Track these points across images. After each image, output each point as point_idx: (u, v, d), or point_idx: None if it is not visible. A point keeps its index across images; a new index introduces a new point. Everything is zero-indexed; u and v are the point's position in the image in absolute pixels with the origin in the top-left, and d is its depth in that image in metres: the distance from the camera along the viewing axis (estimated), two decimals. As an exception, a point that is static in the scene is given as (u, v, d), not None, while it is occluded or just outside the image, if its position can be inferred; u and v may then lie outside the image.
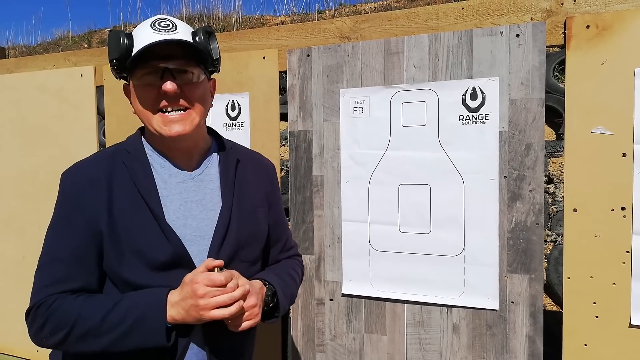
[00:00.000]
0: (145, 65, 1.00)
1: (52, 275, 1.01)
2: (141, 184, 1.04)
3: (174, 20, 1.06)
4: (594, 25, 1.38)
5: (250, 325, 1.03)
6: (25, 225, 2.23)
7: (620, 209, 1.38)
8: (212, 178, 1.14)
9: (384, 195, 1.62)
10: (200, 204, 1.10)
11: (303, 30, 1.78)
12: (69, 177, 1.07)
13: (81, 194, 1.03)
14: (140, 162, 1.07)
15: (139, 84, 1.03)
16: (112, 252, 1.02)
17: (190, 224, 1.07)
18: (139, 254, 1.01)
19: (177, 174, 1.10)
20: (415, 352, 1.61)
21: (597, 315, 1.41)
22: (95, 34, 10.17)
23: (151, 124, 1.04)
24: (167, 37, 0.99)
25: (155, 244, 1.02)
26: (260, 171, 1.26)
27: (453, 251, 1.55)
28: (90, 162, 1.09)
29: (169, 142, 1.07)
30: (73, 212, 1.03)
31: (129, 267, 1.01)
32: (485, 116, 1.50)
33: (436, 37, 1.55)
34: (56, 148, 2.19)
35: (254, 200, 1.19)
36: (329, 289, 1.73)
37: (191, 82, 1.04)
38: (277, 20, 8.74)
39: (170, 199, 1.07)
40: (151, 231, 1.02)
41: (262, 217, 1.21)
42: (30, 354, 2.26)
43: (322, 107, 1.70)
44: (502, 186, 1.49)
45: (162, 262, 1.01)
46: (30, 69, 2.31)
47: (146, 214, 1.03)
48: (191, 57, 1.03)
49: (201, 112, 1.07)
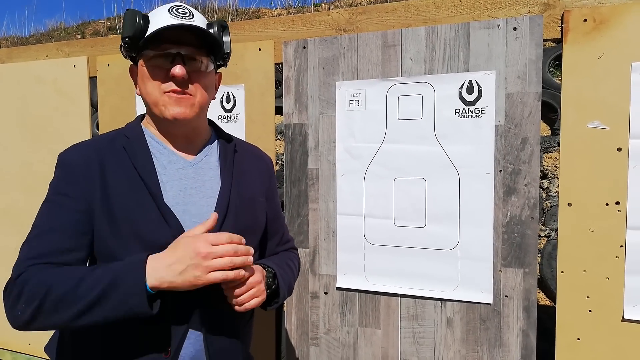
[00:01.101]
0: (158, 47, 1.01)
1: (38, 248, 0.97)
2: (141, 166, 1.04)
3: (191, 9, 1.07)
4: (591, 19, 1.38)
5: (257, 303, 1.02)
6: (21, 218, 2.21)
7: (614, 204, 1.38)
8: (212, 166, 1.14)
9: (380, 188, 1.62)
10: (200, 190, 1.10)
11: (299, 21, 1.76)
12: (66, 156, 1.06)
13: (77, 172, 1.02)
14: (139, 146, 1.07)
15: (148, 65, 1.04)
16: (107, 231, 1.00)
17: (189, 210, 1.06)
18: (136, 235, 0.99)
19: (176, 161, 1.10)
20: (409, 346, 1.62)
21: (590, 309, 1.42)
22: (88, 25, 10.07)
23: (156, 104, 1.04)
24: (184, 22, 1.01)
25: (153, 226, 1.00)
26: (259, 164, 1.26)
27: (448, 245, 1.55)
28: (88, 144, 1.09)
29: (169, 126, 1.08)
30: (69, 188, 1.02)
31: (125, 249, 0.99)
32: (482, 110, 1.49)
33: (433, 30, 1.54)
34: (50, 139, 2.17)
35: (253, 190, 1.19)
36: (324, 283, 1.72)
37: (199, 70, 1.05)
38: (273, 12, 8.68)
39: (170, 185, 1.06)
40: (150, 212, 1.01)
41: (260, 207, 1.20)
42: (23, 348, 2.25)
43: (318, 100, 1.69)
44: (497, 180, 1.49)
45: (160, 245, 0.98)
46: (22, 59, 2.28)
47: (144, 194, 1.02)
48: (203, 47, 1.05)
49: (204, 101, 1.08)
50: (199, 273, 0.91)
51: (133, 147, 1.07)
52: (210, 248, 0.92)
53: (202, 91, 1.07)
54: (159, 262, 0.93)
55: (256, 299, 1.02)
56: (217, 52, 1.09)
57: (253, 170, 1.22)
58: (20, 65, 2.23)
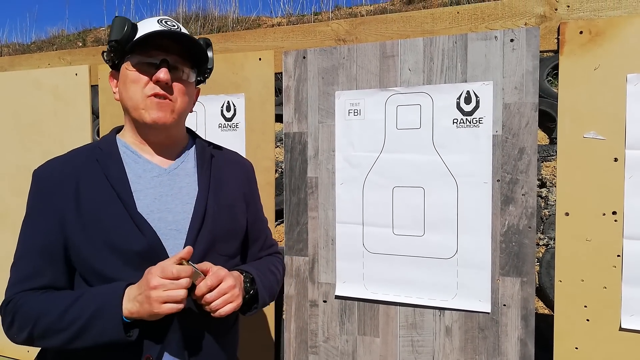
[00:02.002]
0: (146, 52, 1.05)
1: (21, 272, 1.03)
2: (112, 177, 1.05)
3: (179, 24, 1.13)
4: (587, 30, 1.40)
5: (232, 308, 1.02)
6: (19, 223, 2.22)
7: (611, 213, 1.39)
8: (189, 172, 1.15)
9: (378, 197, 1.63)
10: (177, 197, 1.11)
11: (299, 32, 1.78)
12: (39, 174, 1.08)
13: (49, 189, 1.04)
14: (112, 157, 1.09)
15: (133, 69, 1.06)
16: (84, 244, 1.01)
17: (165, 218, 1.07)
18: (111, 245, 1.00)
19: (151, 169, 1.11)
20: (407, 355, 1.62)
21: (587, 318, 1.43)
22: (90, 32, 10.12)
23: (137, 108, 1.07)
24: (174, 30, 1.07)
25: (128, 236, 1.02)
26: (238, 170, 1.28)
27: (446, 254, 1.56)
28: (61, 159, 1.11)
29: (147, 131, 1.10)
30: (41, 208, 1.04)
31: (102, 259, 1.01)
32: (479, 120, 1.51)
33: (431, 41, 1.56)
34: (51, 147, 2.18)
35: (231, 196, 1.20)
36: (323, 291, 1.73)
37: (182, 79, 1.09)
38: (273, 21, 8.74)
39: (144, 193, 1.07)
40: (123, 222, 1.02)
41: (239, 212, 1.22)
42: (21, 355, 2.24)
43: (318, 109, 1.71)
44: (495, 190, 1.50)
45: (135, 254, 1.00)
46: (24, 67, 2.30)
47: (118, 205, 1.03)
48: (186, 57, 1.10)
49: (183, 109, 1.11)
50: (153, 305, 0.93)
51: (105, 158, 1.08)
52: (159, 280, 0.93)
53: (183, 99, 1.10)
54: (131, 293, 0.96)
55: (230, 304, 1.02)
56: (201, 66, 1.13)
57: (231, 176, 1.23)
58: (22, 73, 2.25)
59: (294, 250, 1.75)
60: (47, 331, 0.96)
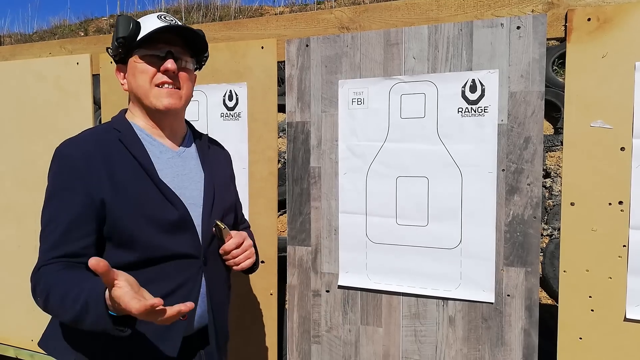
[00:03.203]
0: (153, 46, 1.17)
1: (50, 241, 1.09)
2: (140, 156, 1.16)
3: (175, 18, 1.25)
4: (595, 18, 1.37)
5: (250, 263, 1.27)
6: (22, 215, 2.22)
7: (617, 203, 1.38)
8: (193, 156, 1.30)
9: (382, 187, 1.62)
10: (188, 177, 1.25)
11: (302, 20, 1.76)
12: (65, 151, 1.15)
13: (80, 165, 1.11)
14: (133, 138, 1.20)
15: (141, 62, 1.17)
16: (120, 216, 1.10)
17: (184, 194, 1.20)
18: (148, 216, 1.12)
19: (166, 151, 1.24)
20: (410, 344, 1.62)
21: (592, 309, 1.42)
22: (91, 22, 10.06)
23: (148, 96, 1.18)
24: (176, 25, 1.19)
25: (161, 208, 1.14)
26: (221, 154, 1.44)
27: (450, 244, 1.55)
28: (84, 138, 1.18)
29: (160, 116, 1.21)
30: (72, 182, 1.10)
31: (138, 229, 1.11)
32: (485, 109, 1.49)
33: (436, 29, 1.53)
34: (52, 137, 2.17)
35: (224, 175, 1.38)
36: (326, 281, 1.73)
37: (185, 68, 1.22)
38: (276, 10, 8.66)
39: (165, 173, 1.20)
40: (156, 198, 1.15)
41: (232, 189, 1.42)
42: (25, 344, 2.25)
43: (321, 98, 1.69)
44: (500, 179, 1.49)
45: (169, 223, 1.14)
46: (25, 56, 2.28)
47: (147, 181, 1.15)
48: (187, 48, 1.23)
49: (188, 96, 1.24)
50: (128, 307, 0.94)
51: (128, 139, 1.18)
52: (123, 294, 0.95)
53: (188, 85, 1.23)
54: None
55: (249, 260, 1.27)
56: (200, 54, 1.28)
57: (220, 159, 1.41)
58: (23, 62, 2.23)
59: (297, 240, 1.75)
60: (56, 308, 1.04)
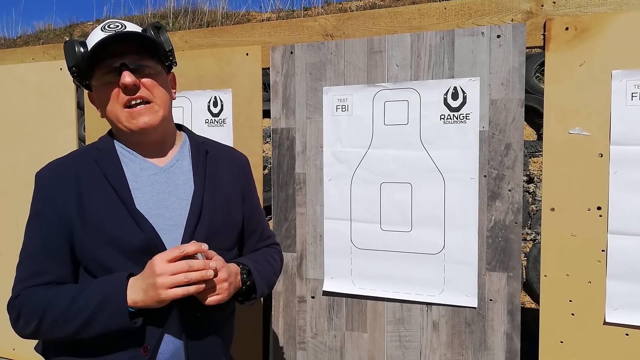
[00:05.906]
0: (102, 64, 1.05)
1: (27, 269, 1.08)
2: (111, 176, 1.09)
3: (123, 22, 1.12)
4: (572, 27, 1.41)
5: (217, 300, 1.05)
6: (2, 222, 2.19)
7: (596, 209, 1.40)
8: (184, 170, 1.17)
9: (366, 193, 1.63)
10: (173, 194, 1.13)
11: (286, 27, 1.77)
12: (41, 175, 1.13)
13: (52, 190, 1.09)
14: (110, 156, 1.12)
15: (100, 85, 1.08)
16: (87, 241, 1.06)
17: (163, 214, 1.10)
18: (113, 241, 1.05)
19: (148, 167, 1.14)
20: (395, 350, 1.63)
21: (572, 312, 1.44)
22: (77, 27, 9.97)
23: (120, 120, 1.08)
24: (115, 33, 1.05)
25: (127, 232, 1.05)
26: (233, 165, 1.29)
27: (433, 249, 1.57)
28: (62, 161, 1.15)
29: (138, 136, 1.11)
30: (44, 208, 1.09)
31: (105, 254, 1.05)
32: (466, 116, 1.51)
33: (419, 37, 1.56)
34: (35, 144, 2.15)
35: (227, 190, 1.22)
36: (311, 287, 1.73)
37: (149, 75, 1.09)
38: (263, 16, 8.68)
39: (142, 191, 1.10)
40: (123, 219, 1.06)
41: (235, 206, 1.24)
42: (7, 353, 2.22)
43: (305, 105, 1.70)
44: (482, 185, 1.51)
45: (135, 249, 1.05)
46: (8, 62, 2.26)
47: (117, 203, 1.07)
48: (144, 52, 1.08)
49: (164, 104, 1.11)
50: (159, 291, 0.97)
51: (103, 158, 1.12)
52: (164, 266, 0.97)
53: (159, 91, 1.10)
54: (135, 283, 1.00)
55: (217, 296, 1.05)
56: (159, 52, 1.12)
57: (226, 171, 1.25)
58: (5, 68, 2.21)
59: (282, 247, 1.75)
60: (55, 322, 1.00)
